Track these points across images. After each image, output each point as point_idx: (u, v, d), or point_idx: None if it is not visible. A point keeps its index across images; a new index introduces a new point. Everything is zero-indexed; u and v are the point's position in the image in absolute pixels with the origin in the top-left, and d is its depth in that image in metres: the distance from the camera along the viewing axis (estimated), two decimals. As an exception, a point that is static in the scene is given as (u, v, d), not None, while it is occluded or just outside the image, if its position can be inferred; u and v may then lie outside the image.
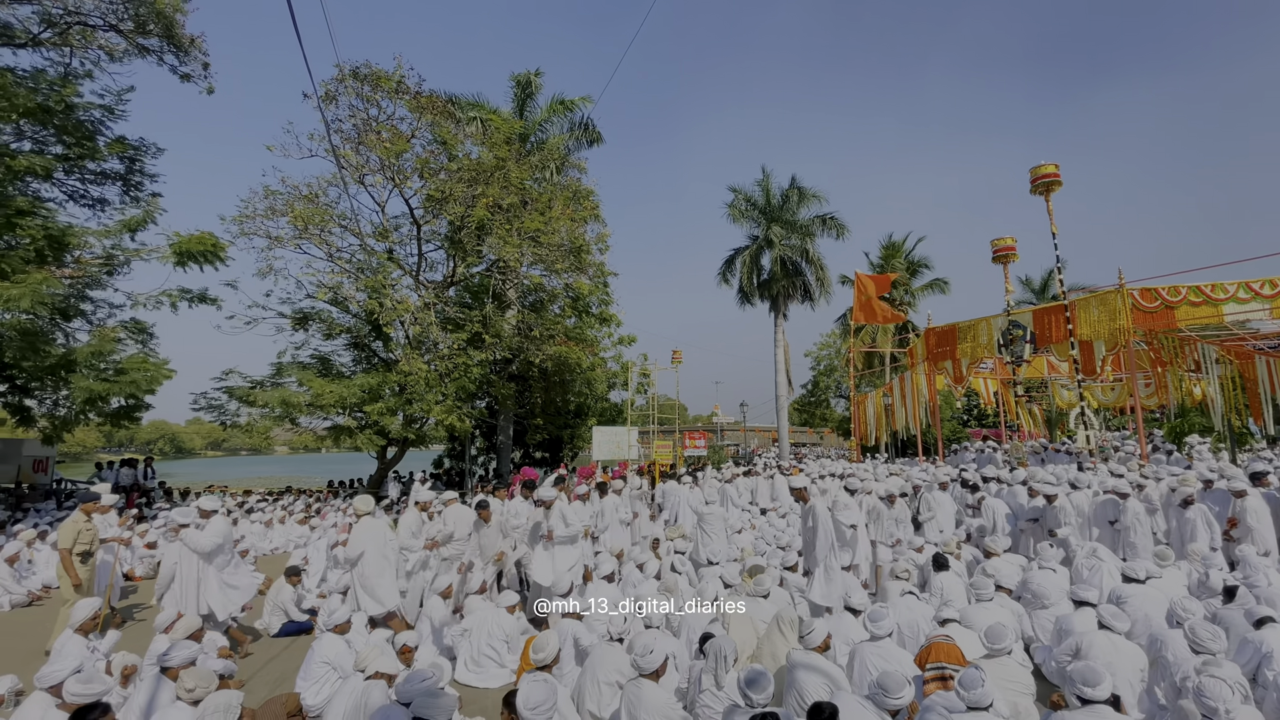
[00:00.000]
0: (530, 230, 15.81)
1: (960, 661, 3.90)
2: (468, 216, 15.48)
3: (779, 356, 26.64)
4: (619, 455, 16.35)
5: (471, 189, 15.47)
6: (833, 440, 47.63)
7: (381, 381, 15.33)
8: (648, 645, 3.66)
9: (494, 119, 19.06)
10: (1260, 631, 4.43)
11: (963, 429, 28.20)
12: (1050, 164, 12.74)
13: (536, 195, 17.18)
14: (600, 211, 18.33)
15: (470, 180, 15.54)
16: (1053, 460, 13.39)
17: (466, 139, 17.38)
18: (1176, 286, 11.53)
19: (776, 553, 7.70)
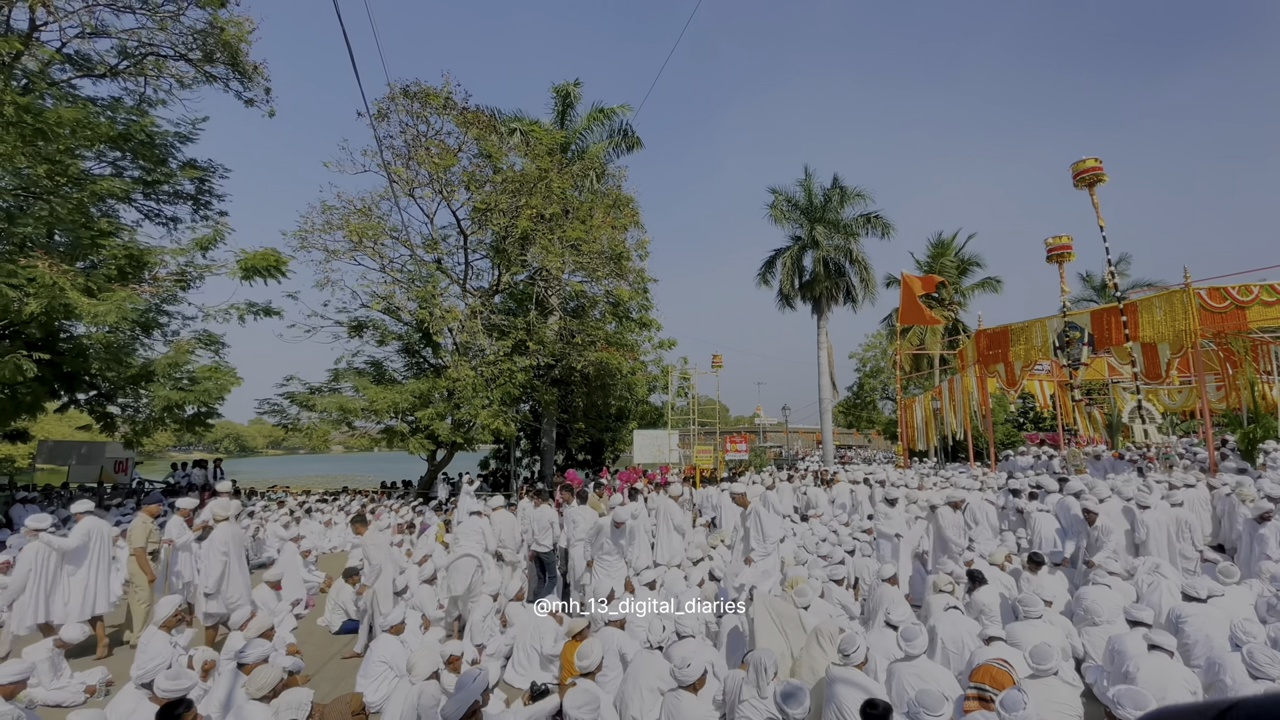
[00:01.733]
0: (572, 239, 16.11)
1: (1005, 684, 3.86)
2: (512, 227, 15.89)
3: (822, 358, 26.25)
4: (660, 458, 16.49)
5: (515, 200, 15.88)
6: (880, 443, 46.56)
7: (431, 387, 15.91)
8: (685, 658, 3.77)
9: (536, 130, 19.48)
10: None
11: (1018, 433, 27.18)
12: (1091, 158, 12.14)
13: (578, 204, 17.48)
14: (639, 218, 18.52)
15: (514, 191, 15.95)
16: (1114, 469, 12.83)
17: (510, 151, 17.83)
18: (1248, 285, 10.89)
19: (818, 562, 7.69)
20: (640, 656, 4.51)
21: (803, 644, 4.73)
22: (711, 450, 15.06)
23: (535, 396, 18.08)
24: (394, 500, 16.93)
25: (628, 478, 13.56)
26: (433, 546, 9.57)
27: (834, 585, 6.35)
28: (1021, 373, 15.81)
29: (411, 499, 17.14)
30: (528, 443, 21.67)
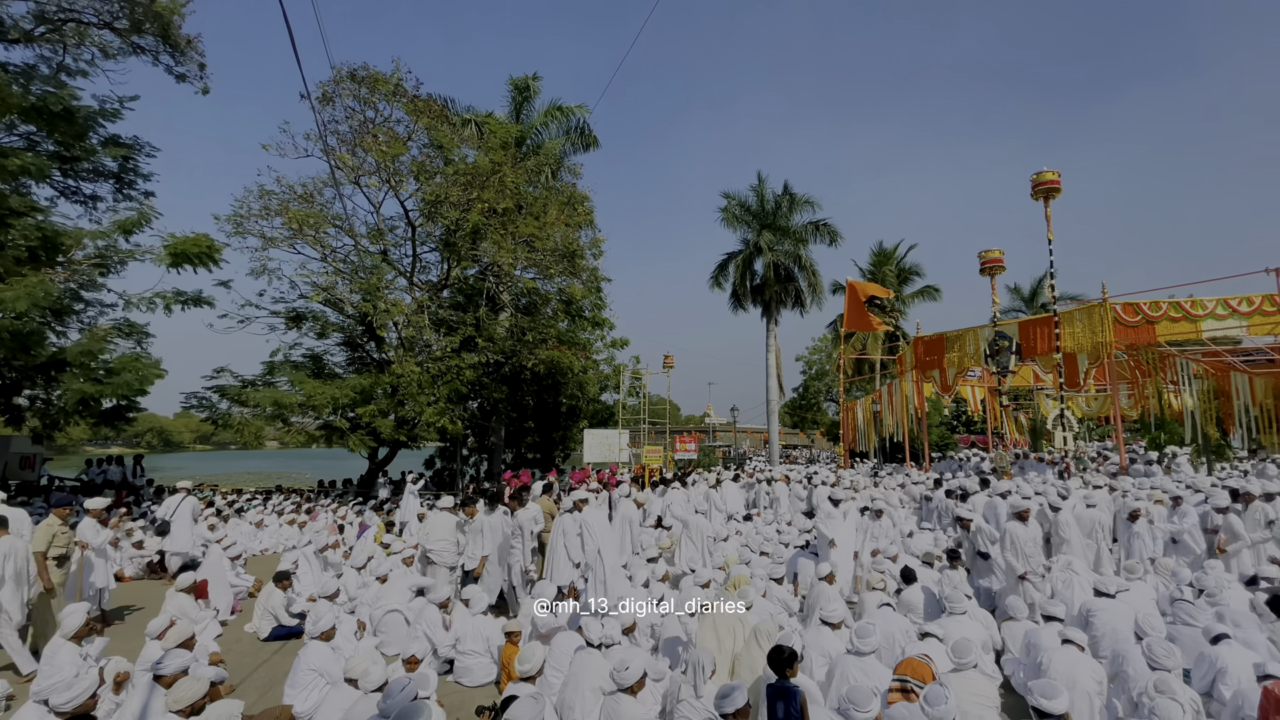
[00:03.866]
0: (524, 235, 15.92)
1: (928, 678, 4.05)
2: (463, 220, 15.56)
3: (770, 361, 26.83)
4: (610, 457, 16.50)
5: (467, 193, 15.55)
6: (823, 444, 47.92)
7: (374, 383, 15.41)
8: (625, 661, 3.79)
9: (490, 123, 19.15)
10: (1216, 648, 4.61)
11: (951, 435, 28.51)
12: (1051, 171, 12.83)
13: (531, 200, 17.28)
14: (594, 217, 18.46)
15: (466, 184, 15.62)
16: (1033, 469, 13.63)
17: (463, 143, 17.46)
18: (1158, 302, 11.79)
19: (761, 561, 7.86)
20: (581, 657, 4.50)
21: (743, 643, 4.83)
22: (661, 450, 15.16)
23: (484, 394, 17.77)
24: (331, 500, 16.31)
25: (578, 477, 13.50)
26: (372, 549, 9.29)
27: (774, 584, 6.51)
28: (955, 378, 16.60)
29: (351, 498, 16.57)
30: (475, 441, 21.29)
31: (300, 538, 11.64)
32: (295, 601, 7.66)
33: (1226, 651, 4.50)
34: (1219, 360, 14.05)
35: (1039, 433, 20.00)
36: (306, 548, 9.39)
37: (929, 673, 4.13)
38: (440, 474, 21.23)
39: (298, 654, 5.35)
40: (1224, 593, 5.96)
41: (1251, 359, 13.88)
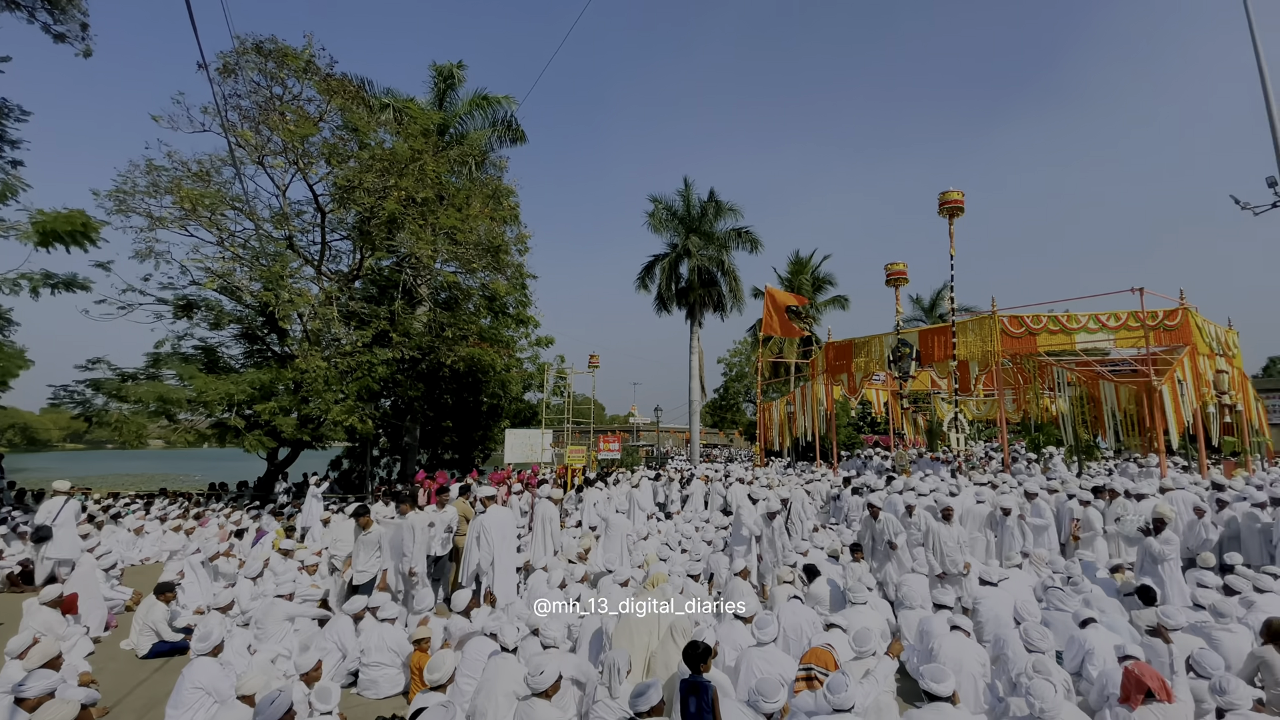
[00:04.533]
0: (446, 226, 15.39)
1: (831, 666, 4.26)
2: (378, 208, 14.83)
3: (693, 362, 27.38)
4: (532, 458, 16.25)
5: (383, 179, 14.84)
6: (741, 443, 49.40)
7: (275, 378, 14.39)
8: (539, 665, 3.75)
9: (411, 108, 18.37)
10: (1085, 631, 5.12)
11: (857, 435, 30.16)
12: (956, 191, 13.82)
13: (454, 191, 16.73)
14: (520, 212, 18.12)
15: (382, 170, 14.89)
16: (929, 467, 14.68)
17: (380, 127, 16.65)
18: (1039, 316, 12.99)
19: (679, 559, 7.99)
20: (495, 663, 4.40)
21: (658, 641, 4.89)
22: (585, 449, 15.10)
23: (398, 392, 17.02)
24: (224, 504, 15.08)
25: (498, 478, 13.20)
26: (269, 556, 8.69)
27: (691, 581, 6.63)
28: (862, 382, 17.59)
29: (246, 502, 15.40)
30: (388, 441, 20.36)
31: (187, 545, 10.71)
32: (180, 615, 7.05)
33: (1094, 634, 5.00)
34: (1089, 369, 15.68)
35: (935, 433, 21.56)
36: (194, 556, 8.65)
37: (832, 661, 4.34)
38: (348, 476, 20.15)
39: (182, 672, 4.91)
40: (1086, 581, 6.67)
41: (1117, 369, 15.58)
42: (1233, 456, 15.20)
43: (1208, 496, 9.05)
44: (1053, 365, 15.04)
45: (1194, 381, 12.42)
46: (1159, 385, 11.74)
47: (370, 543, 6.77)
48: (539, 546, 8.02)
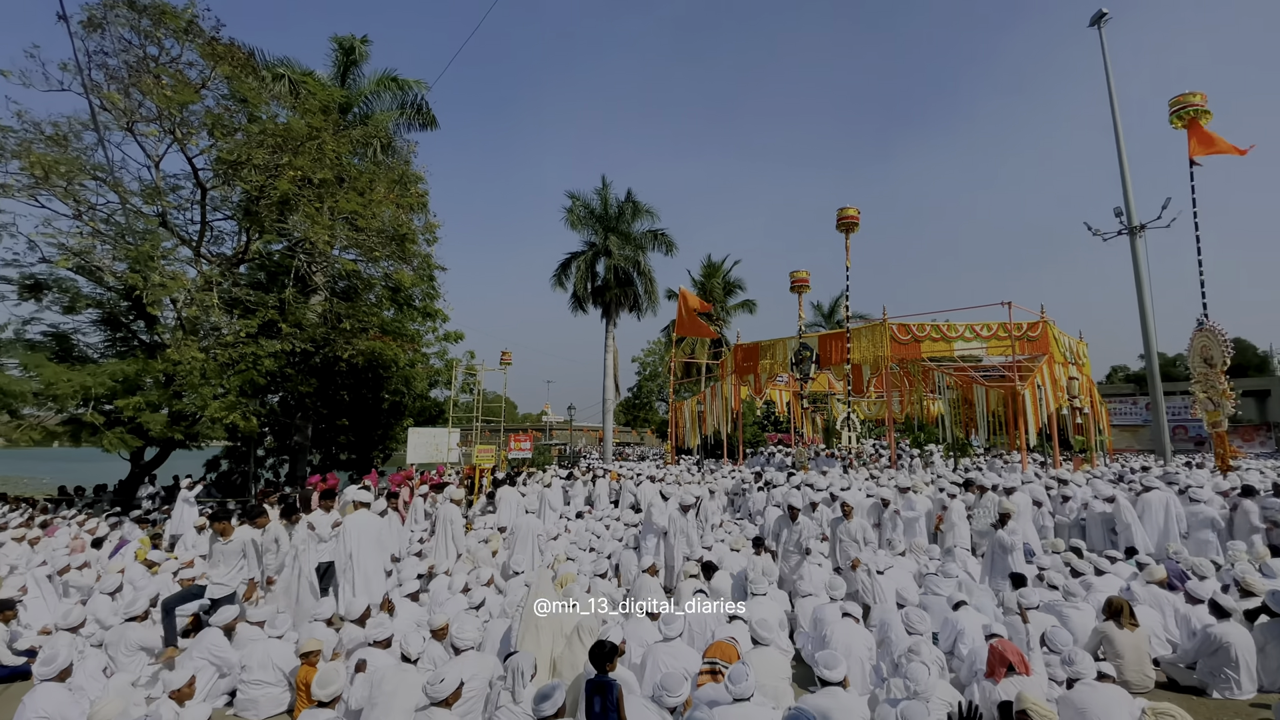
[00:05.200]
0: (345, 211, 14.44)
1: (734, 658, 4.40)
2: (269, 187, 13.67)
3: (608, 361, 27.47)
4: (437, 458, 15.61)
5: (276, 156, 13.68)
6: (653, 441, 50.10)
7: (142, 370, 12.90)
8: (440, 673, 3.60)
9: (309, 82, 17.12)
10: (957, 613, 5.61)
11: (761, 433, 31.44)
12: (853, 208, 14.72)
13: (356, 174, 15.74)
14: (429, 200, 17.31)
15: (275, 147, 13.73)
16: (825, 464, 15.57)
17: (273, 100, 15.37)
18: (923, 324, 14.11)
19: (588, 558, 7.97)
20: (391, 673, 4.17)
21: (564, 641, 4.84)
22: (494, 449, 14.67)
23: (287, 387, 15.79)
24: (77, 510, 13.34)
25: (398, 479, 12.53)
26: (132, 567, 7.81)
27: (599, 579, 6.63)
28: (767, 383, 18.37)
29: (105, 508, 13.73)
30: (274, 441, 18.86)
31: (32, 557, 9.38)
32: (21, 636, 6.19)
33: (964, 616, 5.48)
34: (965, 374, 17.27)
35: (831, 432, 22.88)
36: (39, 569, 7.62)
37: (734, 653, 4.49)
38: (228, 478, 18.47)
39: (22, 699, 4.31)
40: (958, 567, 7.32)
41: (988, 374, 17.24)
42: (1080, 453, 17.26)
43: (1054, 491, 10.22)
44: (934, 370, 16.42)
45: (1051, 387, 13.99)
46: (1022, 389, 13.12)
47: (231, 552, 6.10)
48: (441, 550, 7.72)
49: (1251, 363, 57.32)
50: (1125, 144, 18.67)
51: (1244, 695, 5.06)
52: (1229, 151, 12.89)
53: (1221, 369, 12.38)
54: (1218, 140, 12.84)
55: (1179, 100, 13.13)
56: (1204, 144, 12.87)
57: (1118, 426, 36.20)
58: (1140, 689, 5.10)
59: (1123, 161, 18.49)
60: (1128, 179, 18.25)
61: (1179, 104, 13.11)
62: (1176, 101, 13.17)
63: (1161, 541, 8.52)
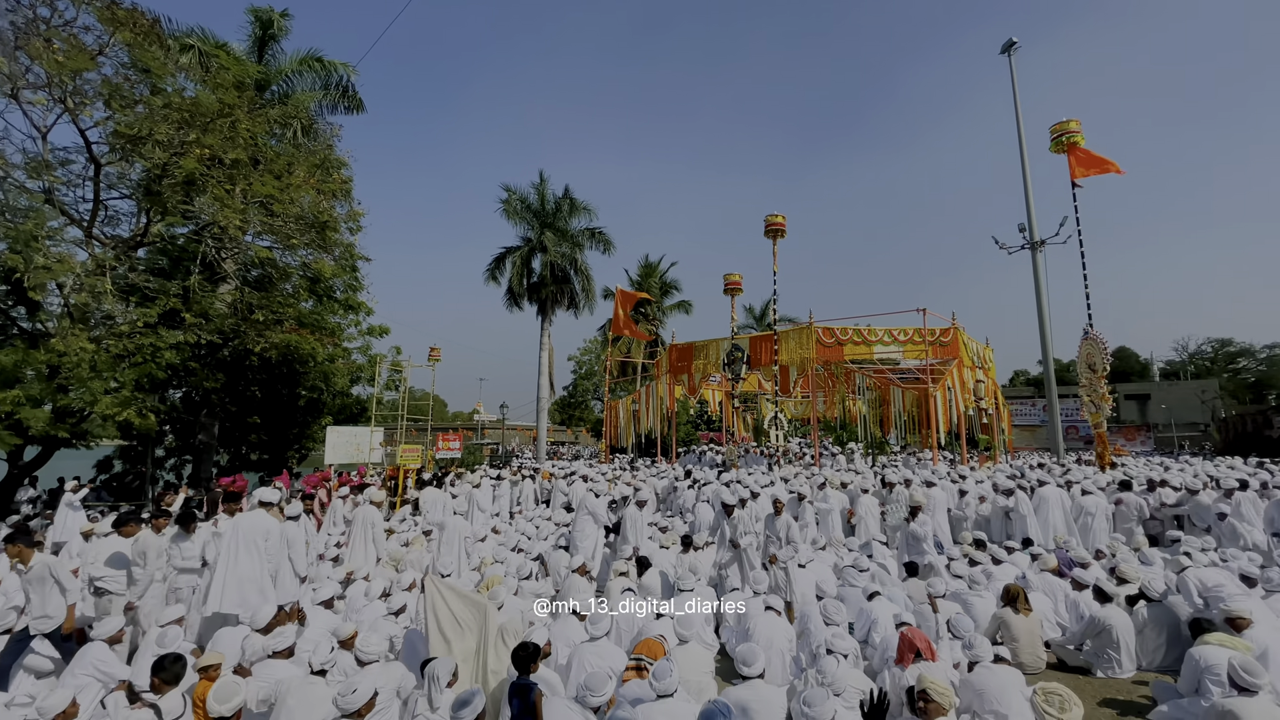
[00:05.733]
0: (260, 195, 13.56)
1: (660, 654, 4.44)
2: (173, 165, 12.65)
3: (543, 359, 27.11)
4: (358, 458, 14.92)
5: (181, 132, 12.67)
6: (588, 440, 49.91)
7: (21, 361, 11.64)
8: (351, 684, 3.43)
9: (222, 56, 15.96)
10: (871, 603, 5.88)
11: (695, 432, 31.95)
12: (779, 215, 15.18)
13: (273, 156, 14.80)
14: (354, 187, 16.47)
15: (181, 122, 12.71)
16: (755, 461, 15.99)
17: (181, 72, 14.22)
18: (846, 328, 14.73)
19: (516, 559, 7.82)
20: (297, 686, 3.94)
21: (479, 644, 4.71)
22: (420, 448, 14.16)
23: (191, 382, 14.67)
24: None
25: (313, 481, 11.86)
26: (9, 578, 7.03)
27: (526, 581, 6.53)
28: (700, 382, 18.67)
29: (-30, 514, 12.31)
30: (175, 440, 17.50)
31: None
32: None
33: (878, 606, 5.76)
34: (883, 376, 18.17)
35: (761, 431, 23.55)
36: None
37: (661, 650, 4.52)
38: (122, 480, 16.99)
39: None
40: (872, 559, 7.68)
41: (905, 377, 18.22)
42: (985, 451, 18.53)
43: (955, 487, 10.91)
44: (855, 372, 17.19)
45: (960, 389, 14.93)
46: (934, 391, 13.93)
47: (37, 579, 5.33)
48: (359, 554, 7.38)
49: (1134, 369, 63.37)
50: (1031, 164, 20.19)
51: (1124, 674, 5.57)
52: (1110, 170, 14.03)
53: (1102, 374, 13.52)
54: (1099, 160, 13.97)
55: (1058, 127, 14.24)
56: (1084, 165, 14.01)
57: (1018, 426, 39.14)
58: (1033, 670, 5.52)
59: (1026, 181, 19.97)
60: (1030, 197, 19.72)
61: (1058, 131, 14.22)
62: (1056, 129, 14.28)
63: (1054, 533, 9.26)
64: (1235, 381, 56.18)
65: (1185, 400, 48.78)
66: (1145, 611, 5.79)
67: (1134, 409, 52.43)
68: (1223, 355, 58.65)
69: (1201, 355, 60.10)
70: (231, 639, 4.93)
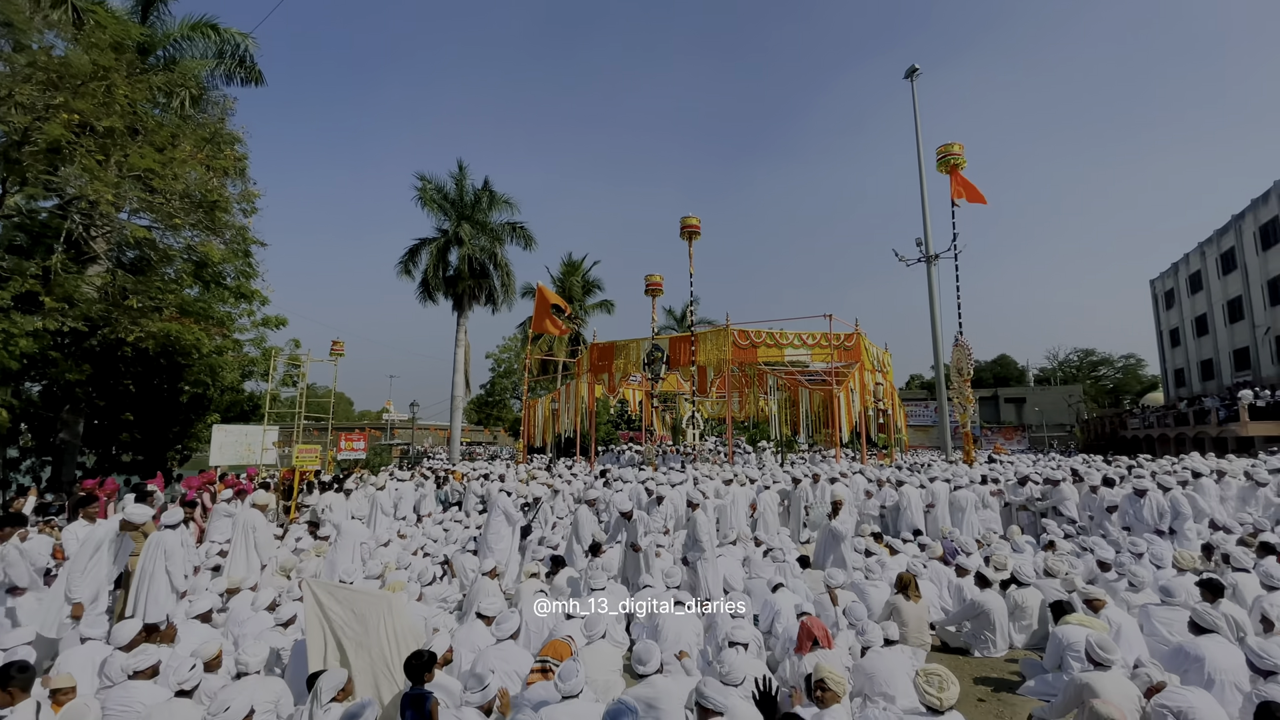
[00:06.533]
0: (138, 168, 12.28)
1: (566, 655, 4.38)
2: (35, 130, 11.23)
3: (459, 356, 26.23)
4: (248, 459, 13.81)
5: (48, 95, 11.28)
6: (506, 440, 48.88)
7: None
8: (223, 701, 3.15)
9: (99, 13, 14.29)
10: (775, 595, 6.09)
11: (615, 431, 32.05)
12: (694, 217, 15.50)
13: (155, 126, 13.45)
14: (248, 164, 15.15)
15: (48, 84, 11.31)
16: (673, 460, 16.24)
17: (49, 29, 12.65)
18: (760, 331, 15.26)
19: (420, 564, 7.51)
20: (160, 711, 3.57)
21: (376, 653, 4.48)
22: (320, 449, 13.28)
23: (52, 374, 13.07)
24: None
25: (194, 483, 10.82)
26: None
27: (430, 587, 6.27)
28: (620, 382, 18.74)
29: None
30: (33, 438, 15.53)
31: None
32: None
33: (781, 597, 5.97)
34: (793, 378, 18.95)
35: (679, 430, 23.97)
36: None
37: (568, 650, 4.47)
38: (-39, 483, 14.85)
39: None
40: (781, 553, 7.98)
41: (813, 379, 19.08)
42: (883, 449, 19.77)
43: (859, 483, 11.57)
44: (768, 373, 17.84)
45: (861, 391, 15.84)
46: (838, 393, 14.69)
47: None
48: (239, 562, 6.82)
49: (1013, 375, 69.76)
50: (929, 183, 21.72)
51: (999, 653, 6.09)
52: (978, 201, 15.18)
53: (967, 378, 14.66)
54: (973, 189, 15.11)
55: (943, 149, 15.33)
56: (962, 188, 15.14)
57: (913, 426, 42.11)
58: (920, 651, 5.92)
59: (924, 198, 21.48)
60: (927, 214, 21.23)
61: (943, 152, 15.32)
62: (941, 150, 15.37)
63: (940, 524, 10.00)
64: (1097, 387, 63.21)
65: (1055, 404, 54.35)
66: (1016, 595, 6.35)
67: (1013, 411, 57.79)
68: (1086, 364, 65.73)
69: (1069, 363, 67.08)
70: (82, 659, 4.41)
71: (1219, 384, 35.37)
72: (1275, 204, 30.54)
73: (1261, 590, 5.67)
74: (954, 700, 3.40)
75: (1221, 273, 36.46)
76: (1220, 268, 36.38)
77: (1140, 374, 60.95)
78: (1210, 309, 37.91)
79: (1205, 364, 38.55)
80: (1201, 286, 38.75)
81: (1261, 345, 31.99)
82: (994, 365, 71.80)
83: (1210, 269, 37.63)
